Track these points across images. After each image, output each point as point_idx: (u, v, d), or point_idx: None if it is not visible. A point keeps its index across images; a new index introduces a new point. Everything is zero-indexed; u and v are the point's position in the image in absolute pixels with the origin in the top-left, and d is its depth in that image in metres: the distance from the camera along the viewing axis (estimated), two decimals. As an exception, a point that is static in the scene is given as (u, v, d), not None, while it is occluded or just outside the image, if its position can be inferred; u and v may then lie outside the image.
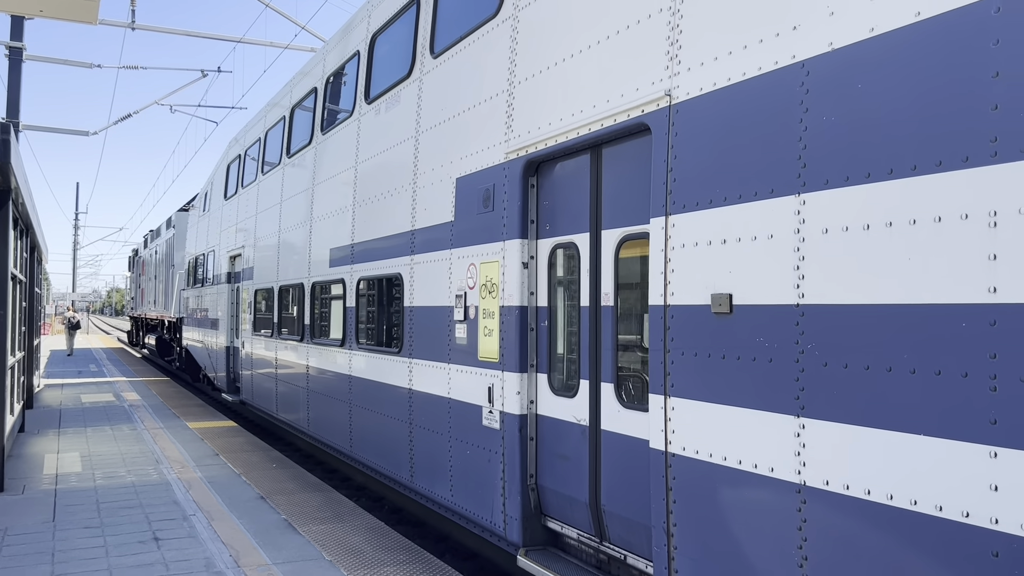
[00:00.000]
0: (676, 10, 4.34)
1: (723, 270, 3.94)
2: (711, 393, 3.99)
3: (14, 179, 8.50)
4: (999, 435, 2.76)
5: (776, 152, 3.66)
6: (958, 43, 2.93)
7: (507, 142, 5.97)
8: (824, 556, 3.38)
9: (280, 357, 12.13)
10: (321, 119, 10.62)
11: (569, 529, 5.47)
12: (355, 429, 8.94)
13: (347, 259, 9.22)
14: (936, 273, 2.98)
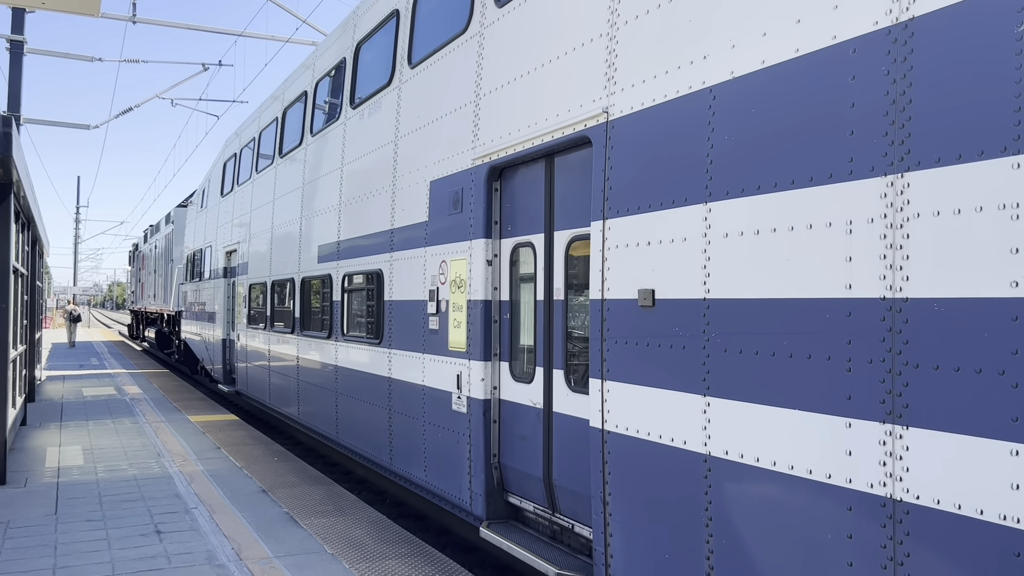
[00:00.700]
0: (613, 36, 4.85)
1: (648, 268, 4.46)
2: (638, 377, 4.51)
3: (15, 172, 8.52)
4: (854, 409, 3.28)
5: (689, 165, 4.17)
6: (825, 77, 3.44)
7: (474, 149, 6.48)
8: (725, 515, 3.91)
9: (273, 349, 12.67)
10: (311, 121, 11.13)
11: (527, 503, 6.01)
12: (341, 416, 9.48)
13: (334, 255, 9.75)
14: (807, 272, 3.50)
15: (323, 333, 10.09)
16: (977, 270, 2.85)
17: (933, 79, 3.01)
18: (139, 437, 11.86)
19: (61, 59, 28.25)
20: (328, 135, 10.23)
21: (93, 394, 17.24)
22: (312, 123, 11.07)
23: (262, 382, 13.36)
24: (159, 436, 11.99)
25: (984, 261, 2.82)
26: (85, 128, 24.95)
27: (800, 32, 3.57)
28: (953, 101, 2.94)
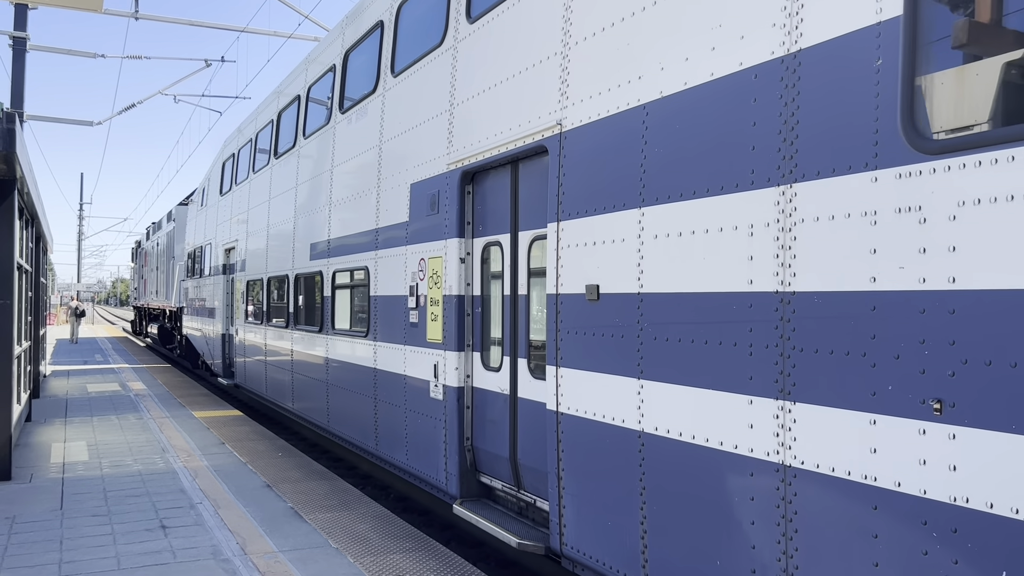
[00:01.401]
0: (565, 55, 5.33)
1: (594, 266, 4.95)
2: (586, 363, 5.01)
3: (19, 168, 8.52)
4: (755, 387, 3.77)
5: (627, 174, 4.67)
6: (733, 98, 3.93)
7: (449, 154, 6.97)
8: (655, 485, 4.41)
9: (269, 343, 13.19)
10: (304, 124, 11.62)
11: (496, 482, 6.52)
12: (332, 405, 10.00)
13: (324, 253, 10.25)
14: (719, 269, 3.99)
15: (315, 327, 10.61)
16: (846, 268, 3.34)
17: (815, 103, 3.50)
18: (144, 433, 11.90)
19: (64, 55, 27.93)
20: (319, 138, 10.73)
21: (97, 390, 17.35)
22: (305, 126, 11.56)
23: (259, 375, 13.89)
24: (163, 432, 12.00)
25: (851, 260, 3.32)
26: (88, 124, 25.03)
27: (714, 58, 4.06)
28: (829, 122, 3.43)
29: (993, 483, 2.79)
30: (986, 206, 2.82)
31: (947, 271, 2.94)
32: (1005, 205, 2.76)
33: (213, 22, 22.51)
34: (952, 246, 2.93)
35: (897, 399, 3.11)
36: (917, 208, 3.05)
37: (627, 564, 4.64)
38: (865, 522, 3.24)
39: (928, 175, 3.01)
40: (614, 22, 4.84)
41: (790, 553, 3.59)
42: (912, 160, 3.07)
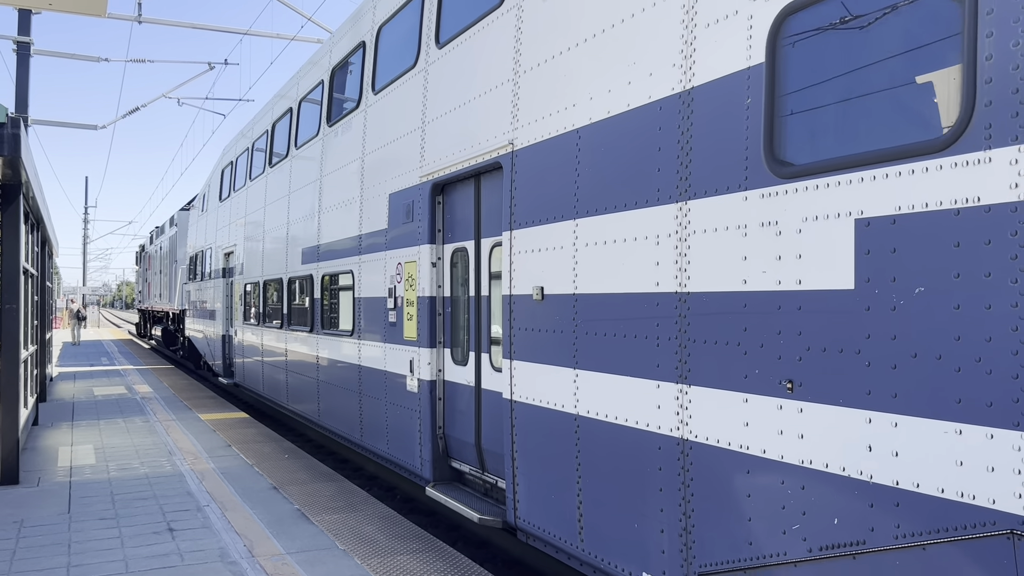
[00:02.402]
0: (516, 81, 5.98)
1: (540, 270, 5.60)
2: (534, 356, 5.67)
3: (24, 173, 8.54)
4: (662, 374, 4.42)
5: (564, 190, 5.32)
6: (645, 126, 4.58)
7: (421, 167, 7.63)
8: (587, 461, 5.06)
9: (265, 343, 13.87)
10: (295, 135, 12.30)
11: (465, 466, 7.17)
12: (322, 401, 10.67)
13: (314, 257, 10.93)
14: (633, 273, 4.64)
15: (307, 327, 11.28)
16: (725, 272, 3.99)
17: (703, 132, 4.15)
18: (150, 436, 11.92)
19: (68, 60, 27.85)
20: (310, 149, 11.39)
21: (104, 393, 17.39)
22: (296, 137, 12.23)
23: (256, 373, 14.57)
24: (170, 434, 12.02)
25: (729, 265, 3.96)
26: (92, 128, 25.13)
27: (630, 91, 4.70)
28: (713, 149, 4.07)
29: (828, 447, 3.43)
30: (821, 221, 3.47)
31: (796, 274, 3.59)
32: (835, 221, 3.41)
33: (216, 25, 22.40)
34: (799, 254, 3.57)
35: (762, 381, 3.76)
36: (775, 223, 3.70)
37: (567, 531, 5.30)
38: (742, 484, 3.89)
39: (783, 196, 3.66)
40: (555, 55, 5.49)
41: (688, 513, 4.24)
42: (772, 183, 3.72)
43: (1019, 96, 2.75)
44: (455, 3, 7.17)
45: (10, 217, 8.95)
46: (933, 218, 3.01)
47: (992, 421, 2.81)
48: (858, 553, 3.30)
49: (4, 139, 7.75)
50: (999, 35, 2.83)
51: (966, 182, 2.90)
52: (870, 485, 3.25)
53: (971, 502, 2.88)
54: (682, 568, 4.28)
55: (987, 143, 2.83)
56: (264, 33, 20.62)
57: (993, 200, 2.82)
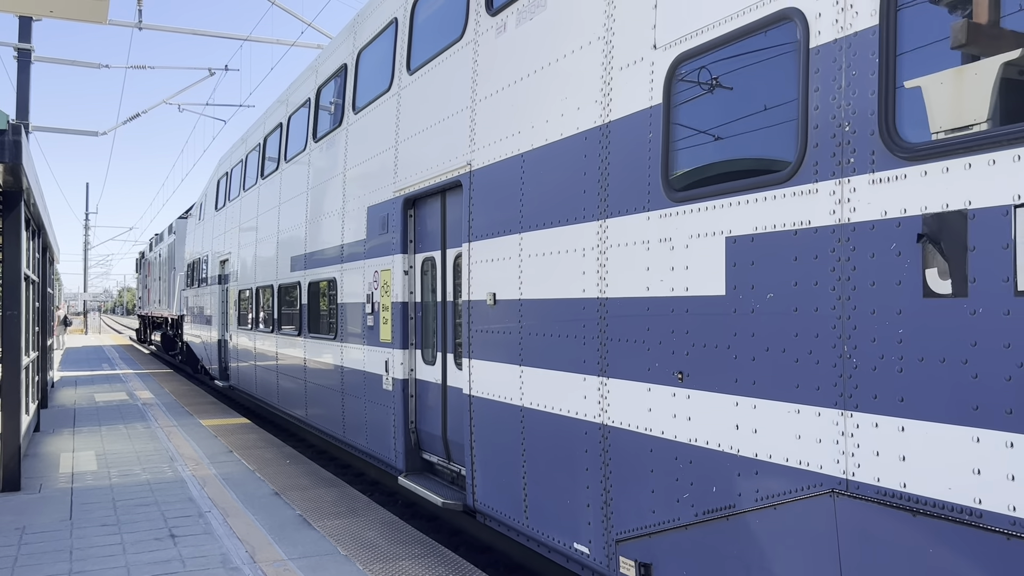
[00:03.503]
0: (473, 108, 6.66)
1: (492, 278, 6.27)
2: (487, 355, 6.33)
3: (26, 180, 8.56)
4: (587, 368, 5.09)
5: (512, 207, 5.99)
6: (574, 153, 5.25)
7: (395, 183, 8.31)
8: (530, 447, 5.73)
9: (258, 347, 14.54)
10: (285, 149, 12.99)
11: (434, 457, 7.84)
12: (310, 400, 11.34)
13: (302, 265, 11.61)
14: (564, 281, 5.31)
15: (294, 331, 11.95)
16: (634, 280, 4.66)
17: (617, 160, 4.82)
18: (152, 442, 11.96)
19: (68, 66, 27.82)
20: (298, 162, 12.08)
21: (105, 399, 17.50)
22: (286, 151, 12.92)
23: (250, 376, 15.25)
24: (171, 440, 12.07)
25: (636, 274, 4.63)
26: (93, 135, 25.12)
27: (563, 121, 5.38)
28: (625, 175, 4.75)
29: (709, 427, 4.10)
30: (703, 239, 4.14)
31: (684, 282, 4.26)
32: (712, 238, 4.08)
33: (216, 31, 22.32)
34: (687, 265, 4.25)
35: (661, 372, 4.43)
36: (670, 239, 4.37)
37: (515, 510, 5.97)
38: (647, 462, 4.56)
39: (675, 216, 4.33)
40: (505, 86, 6.17)
41: (608, 489, 4.90)
42: (667, 205, 4.39)
43: (836, 140, 3.43)
44: (424, 33, 7.86)
45: (11, 224, 9.00)
46: (779, 237, 3.68)
47: (819, 402, 3.48)
48: (730, 515, 3.97)
49: (5, 146, 7.80)
50: (823, 91, 3.50)
51: (801, 208, 3.57)
52: (737, 458, 3.92)
53: (807, 468, 3.55)
54: (603, 537, 4.95)
55: (815, 177, 3.51)
56: (264, 39, 20.85)
57: (819, 223, 3.49)
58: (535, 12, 5.78)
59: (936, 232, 3.00)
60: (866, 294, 3.27)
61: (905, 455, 3.12)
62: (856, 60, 3.33)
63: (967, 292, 2.89)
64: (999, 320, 2.80)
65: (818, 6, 3.52)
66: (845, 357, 3.36)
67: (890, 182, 3.17)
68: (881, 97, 3.21)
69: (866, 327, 3.26)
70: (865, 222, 3.27)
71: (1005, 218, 2.78)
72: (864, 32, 3.30)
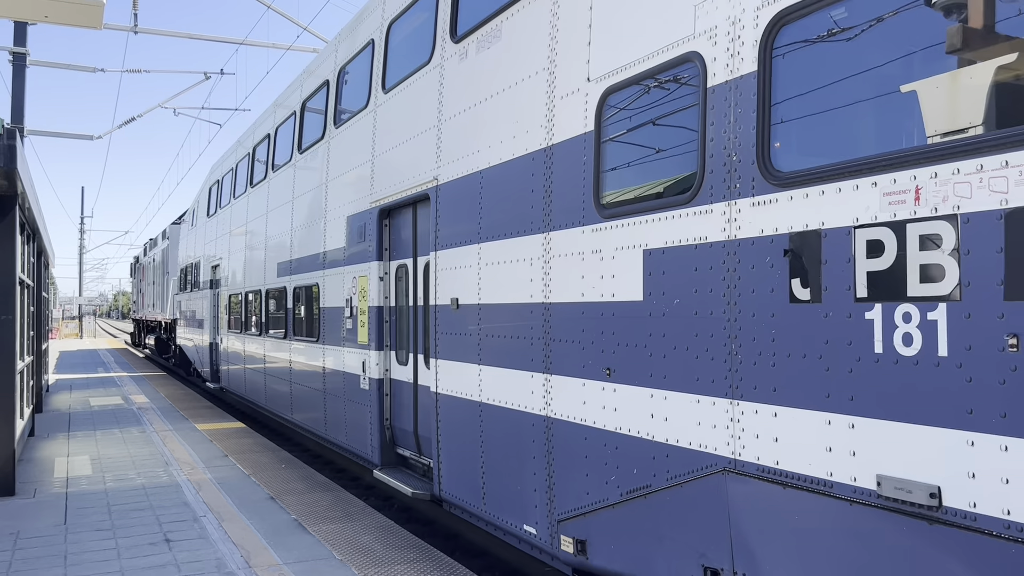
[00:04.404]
0: (440, 128, 7.22)
1: (455, 285, 6.82)
2: (451, 355, 6.88)
3: (20, 184, 8.48)
4: (535, 366, 5.63)
5: (472, 220, 6.54)
6: (524, 172, 5.80)
7: (372, 195, 8.86)
8: (487, 439, 6.27)
9: (247, 350, 15.07)
10: (272, 159, 13.53)
11: (407, 451, 8.38)
12: (295, 400, 11.87)
13: (287, 271, 12.15)
14: (516, 287, 5.86)
15: (280, 334, 12.49)
16: (571, 287, 5.21)
17: (559, 180, 5.37)
18: (147, 446, 11.90)
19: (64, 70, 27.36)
20: (284, 172, 12.63)
21: (100, 403, 17.42)
22: (274, 161, 13.47)
23: (240, 377, 15.77)
24: (167, 445, 12.01)
25: (573, 282, 5.18)
26: (89, 138, 25.27)
27: (515, 143, 5.93)
28: (564, 193, 5.30)
29: (631, 417, 4.65)
30: (625, 251, 4.70)
31: (612, 289, 4.82)
32: (633, 250, 4.64)
33: (212, 35, 22.00)
34: (613, 274, 4.80)
35: (593, 369, 4.98)
36: (600, 251, 4.93)
37: (475, 497, 6.51)
38: (583, 449, 5.11)
39: (604, 231, 4.89)
40: (467, 108, 6.73)
41: (551, 474, 5.45)
42: (598, 221, 4.95)
43: (727, 168, 3.98)
44: (398, 55, 8.42)
45: (6, 228, 8.98)
46: (684, 250, 4.24)
47: (714, 392, 4.04)
48: (647, 494, 4.52)
49: (0, 150, 7.77)
50: (717, 125, 4.06)
51: (700, 226, 4.13)
52: (653, 443, 4.47)
53: (705, 450, 4.10)
54: (547, 518, 5.50)
55: (711, 199, 4.07)
56: (260, 43, 20.62)
57: (714, 239, 4.04)
58: (492, 42, 6.34)
59: (799, 248, 3.56)
60: (748, 300, 3.82)
61: (778, 437, 3.67)
62: (741, 99, 3.89)
63: (821, 299, 3.45)
64: (844, 322, 3.35)
65: (714, 52, 4.08)
66: (733, 354, 3.91)
67: (765, 205, 3.73)
68: (759, 132, 3.77)
69: (748, 328, 3.82)
70: (747, 239, 3.83)
71: (848, 237, 3.34)
72: (748, 76, 3.86)
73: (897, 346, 3.13)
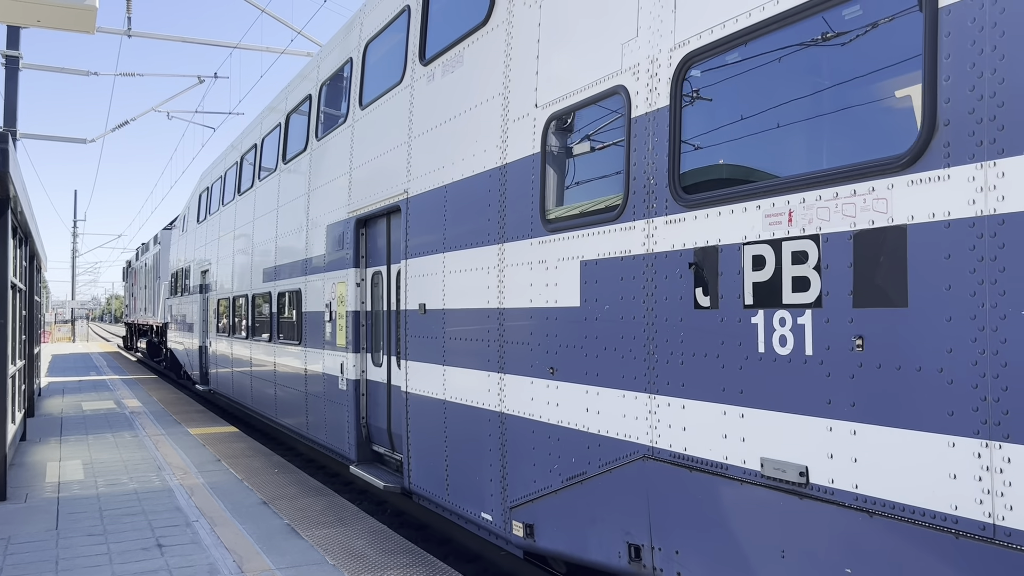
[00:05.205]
0: (410, 144, 7.72)
1: (422, 290, 7.32)
2: (420, 356, 7.38)
3: (12, 188, 8.50)
4: (490, 366, 6.14)
5: (437, 230, 7.05)
6: (482, 187, 6.31)
7: (349, 205, 9.36)
8: (450, 434, 6.77)
9: (234, 352, 15.54)
10: (259, 168, 14.02)
11: (382, 448, 8.87)
12: (279, 401, 12.35)
13: (272, 277, 12.63)
14: (475, 294, 6.36)
15: (266, 337, 12.97)
16: (521, 293, 5.71)
17: (512, 194, 5.89)
18: (139, 450, 11.90)
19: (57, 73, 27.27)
20: (270, 181, 13.12)
21: (92, 408, 17.46)
22: (260, 170, 13.96)
23: (228, 379, 16.24)
24: (159, 449, 12.03)
25: (523, 289, 5.69)
26: (82, 142, 25.36)
27: (475, 160, 6.44)
28: (516, 207, 5.81)
29: (570, 411, 5.16)
30: (566, 261, 5.21)
31: (555, 296, 5.33)
32: (572, 261, 5.15)
33: (206, 39, 22.13)
34: (556, 283, 5.31)
35: (539, 368, 5.49)
36: (545, 261, 5.44)
37: (440, 489, 7.01)
38: (530, 441, 5.61)
39: (548, 243, 5.40)
40: (434, 127, 7.24)
41: (505, 465, 5.96)
42: (543, 234, 5.46)
43: (646, 189, 4.50)
44: (374, 74, 8.92)
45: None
46: (613, 261, 4.75)
47: (636, 388, 4.55)
48: (584, 479, 5.03)
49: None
50: (639, 151, 4.58)
51: (625, 240, 4.64)
52: (587, 434, 4.98)
53: (629, 440, 4.61)
54: (502, 505, 6.00)
55: (633, 217, 4.58)
56: (254, 47, 21.04)
57: (636, 252, 4.56)
58: (455, 66, 6.85)
59: (701, 261, 4.07)
60: (662, 306, 4.34)
61: (686, 426, 4.19)
62: (658, 129, 4.41)
63: (718, 305, 3.97)
64: (735, 326, 3.87)
65: (636, 86, 4.60)
66: (651, 354, 4.43)
67: (676, 223, 4.25)
68: (671, 158, 4.29)
69: (663, 331, 4.34)
70: (662, 252, 4.35)
71: (738, 252, 3.85)
72: (663, 109, 4.38)
73: (775, 346, 3.65)
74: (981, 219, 2.87)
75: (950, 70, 3.00)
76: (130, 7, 19.45)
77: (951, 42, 3.00)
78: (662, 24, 4.43)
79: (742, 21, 3.89)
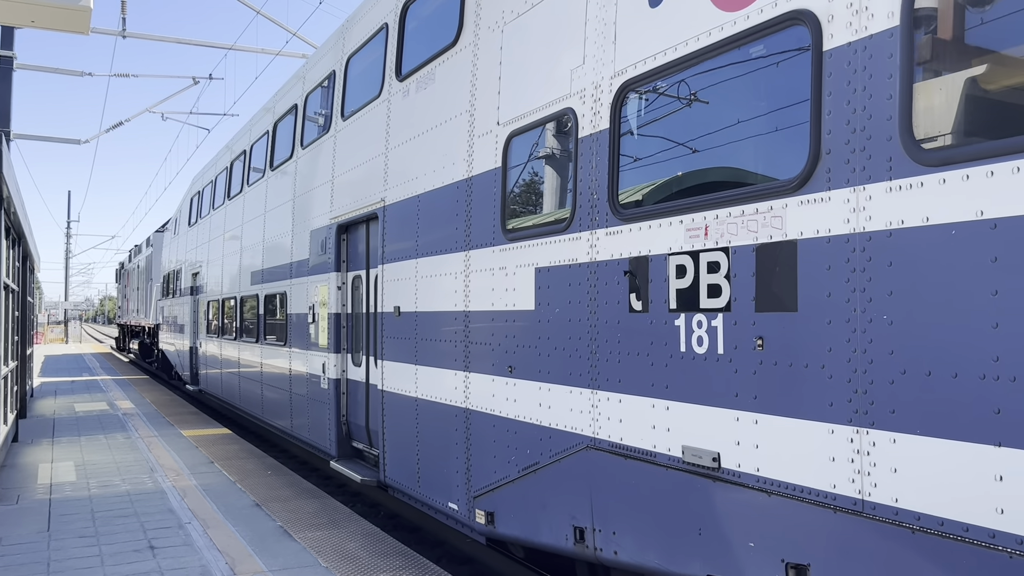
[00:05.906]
0: (387, 155, 8.16)
1: (397, 294, 7.75)
2: (394, 356, 7.81)
3: (6, 188, 8.50)
4: (458, 366, 6.56)
5: (410, 237, 7.48)
6: (451, 197, 6.74)
7: (331, 212, 9.78)
8: (422, 429, 7.20)
9: (223, 353, 15.94)
10: (247, 174, 14.44)
11: (361, 444, 9.29)
12: (265, 400, 12.76)
13: (259, 279, 13.04)
14: (445, 297, 6.80)
15: (253, 339, 13.38)
16: (485, 297, 6.15)
17: (477, 206, 6.32)
18: (132, 452, 11.89)
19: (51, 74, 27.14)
20: (257, 187, 13.54)
21: (85, 409, 17.46)
22: (248, 176, 14.38)
23: (217, 380, 16.64)
24: (152, 451, 12.00)
25: (486, 293, 6.12)
26: (76, 143, 25.39)
27: (444, 173, 6.88)
28: (480, 217, 6.25)
29: (527, 406, 5.59)
30: (523, 268, 5.65)
31: (513, 300, 5.77)
32: (527, 268, 5.59)
33: (201, 40, 21.53)
34: (515, 288, 5.75)
35: (500, 367, 5.93)
36: (505, 267, 5.88)
37: (412, 481, 7.44)
38: (491, 434, 6.05)
39: (508, 251, 5.84)
40: (408, 139, 7.67)
41: (469, 457, 6.39)
42: (503, 243, 5.90)
43: (590, 203, 4.94)
44: (354, 86, 9.36)
45: None
46: (562, 268, 5.19)
47: (581, 384, 4.99)
48: (537, 469, 5.46)
49: None
50: (584, 169, 5.03)
51: (572, 249, 5.08)
52: (540, 427, 5.42)
53: (576, 432, 5.05)
54: (467, 495, 6.43)
55: (579, 228, 5.02)
56: (249, 48, 20.90)
57: (581, 260, 5.00)
58: (428, 83, 7.30)
59: (635, 269, 4.52)
60: (603, 310, 4.78)
61: (622, 419, 4.63)
62: (600, 149, 4.86)
63: (649, 309, 4.41)
64: (662, 327, 4.31)
65: (583, 109, 5.05)
66: (594, 353, 4.87)
67: (615, 235, 4.69)
68: (611, 175, 4.73)
69: (603, 332, 4.78)
70: (603, 261, 4.79)
71: (665, 261, 4.30)
72: (604, 131, 4.83)
73: (694, 346, 4.10)
74: (854, 235, 3.31)
75: (831, 105, 3.46)
76: (125, 8, 19.59)
77: (832, 81, 3.45)
78: (604, 53, 4.88)
79: (669, 54, 4.34)
